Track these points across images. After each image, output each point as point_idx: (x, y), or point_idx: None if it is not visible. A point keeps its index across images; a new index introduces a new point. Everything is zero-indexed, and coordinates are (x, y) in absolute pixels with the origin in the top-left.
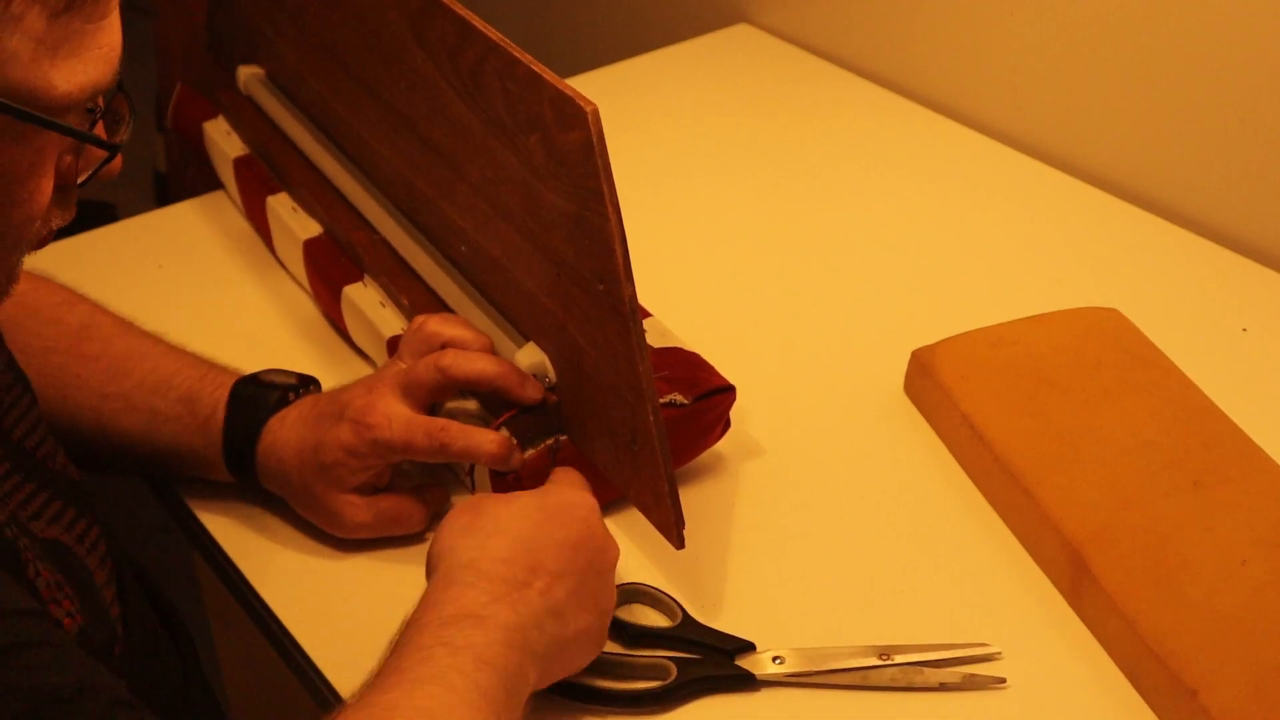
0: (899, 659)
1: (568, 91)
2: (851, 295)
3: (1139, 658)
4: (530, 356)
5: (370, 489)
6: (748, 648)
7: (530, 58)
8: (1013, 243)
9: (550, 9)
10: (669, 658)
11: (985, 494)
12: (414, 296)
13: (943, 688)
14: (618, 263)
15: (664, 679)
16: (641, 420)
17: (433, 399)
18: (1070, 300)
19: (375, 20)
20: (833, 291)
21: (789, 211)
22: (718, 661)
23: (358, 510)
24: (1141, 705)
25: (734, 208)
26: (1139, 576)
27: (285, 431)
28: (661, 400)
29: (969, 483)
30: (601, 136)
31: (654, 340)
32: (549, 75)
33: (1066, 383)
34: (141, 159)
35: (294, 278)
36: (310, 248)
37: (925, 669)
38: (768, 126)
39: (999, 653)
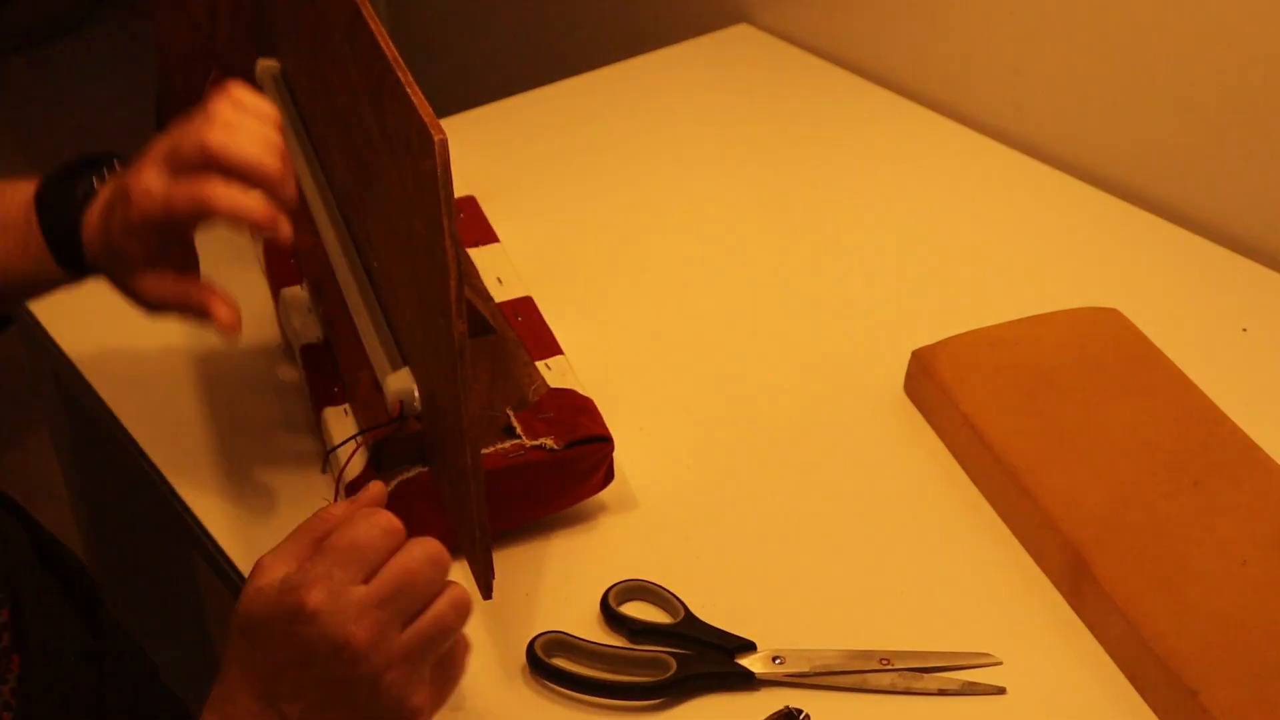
0: (899, 664)
1: (426, 118)
2: (851, 295)
3: (1139, 658)
4: (400, 381)
5: (165, 265)
6: (748, 646)
7: (411, 79)
8: (1013, 243)
9: (550, 9)
10: (669, 653)
11: (985, 494)
12: (329, 307)
13: (941, 694)
14: (450, 298)
15: (663, 673)
16: (460, 463)
17: (191, 174)
18: (1070, 300)
19: (327, 19)
20: (833, 292)
21: (789, 212)
22: (718, 659)
23: (151, 286)
24: (1142, 705)
25: (734, 207)
26: (1140, 577)
27: (95, 218)
28: (533, 443)
29: (969, 483)
30: (448, 168)
31: (554, 380)
32: (417, 99)
33: (1067, 383)
34: None
35: None
36: (268, 247)
37: (924, 675)
38: (768, 126)
39: (1000, 661)
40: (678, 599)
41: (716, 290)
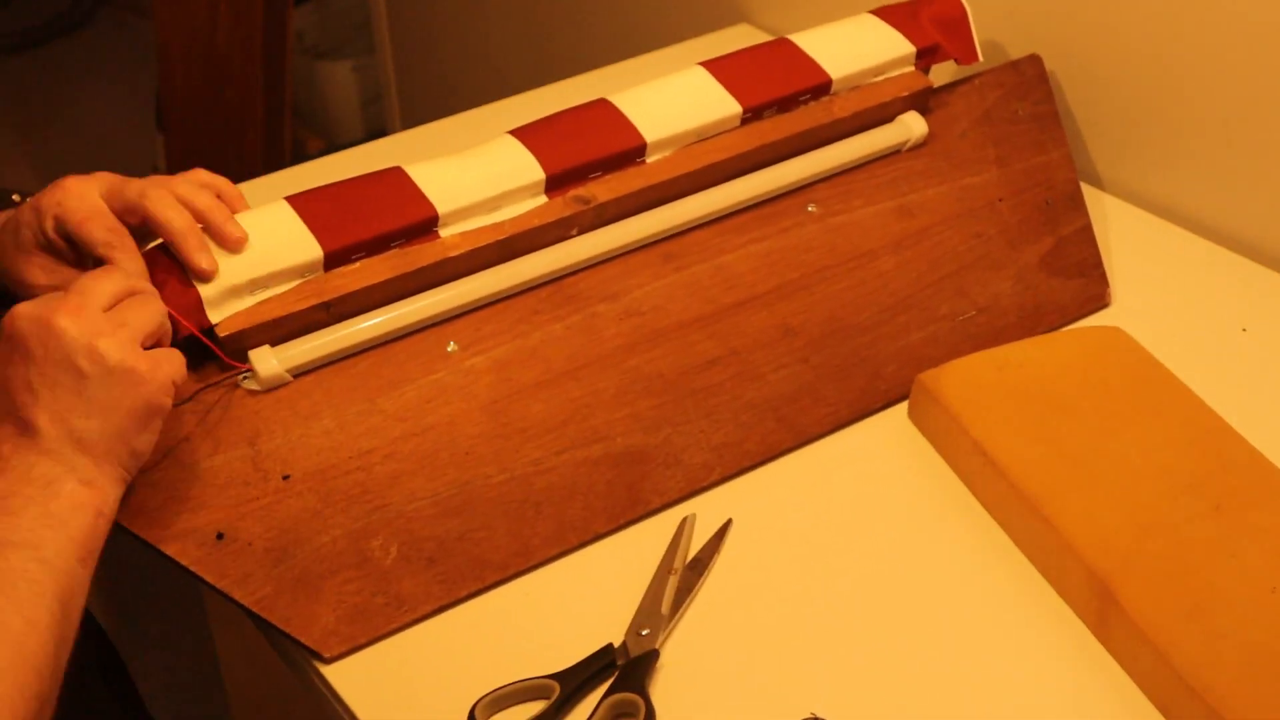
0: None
1: None
2: None
3: (1173, 691)
4: None
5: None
6: (608, 650)
7: None
8: None
9: (551, 9)
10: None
11: (1000, 522)
12: None
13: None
14: None
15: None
16: None
17: (121, 217)
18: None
19: None
20: None
21: None
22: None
23: (39, 273)
24: None
25: None
26: (1168, 607)
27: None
28: None
29: (982, 511)
30: None
31: None
32: None
33: (1075, 406)
34: (142, 159)
35: None
36: None
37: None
38: None
39: None
40: (546, 679)
41: None
